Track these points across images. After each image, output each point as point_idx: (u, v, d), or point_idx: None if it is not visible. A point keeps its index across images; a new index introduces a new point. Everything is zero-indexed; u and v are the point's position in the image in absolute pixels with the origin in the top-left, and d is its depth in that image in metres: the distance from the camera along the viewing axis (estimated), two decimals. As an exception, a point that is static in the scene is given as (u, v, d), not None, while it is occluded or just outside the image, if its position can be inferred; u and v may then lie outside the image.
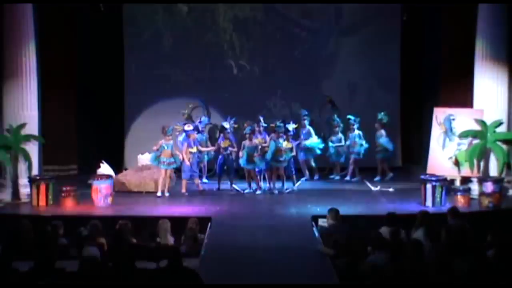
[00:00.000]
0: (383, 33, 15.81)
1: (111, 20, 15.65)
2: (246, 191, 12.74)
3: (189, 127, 12.88)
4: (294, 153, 12.83)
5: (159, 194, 12.31)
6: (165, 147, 12.34)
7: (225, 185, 13.11)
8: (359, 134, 14.09)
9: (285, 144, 12.57)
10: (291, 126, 13.04)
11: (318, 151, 14.20)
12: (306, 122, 14.19)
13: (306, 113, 14.32)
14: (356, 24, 15.93)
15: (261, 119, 13.50)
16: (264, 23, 15.94)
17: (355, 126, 14.04)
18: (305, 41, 15.98)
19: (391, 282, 6.22)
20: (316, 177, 14.35)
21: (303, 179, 13.71)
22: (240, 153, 12.58)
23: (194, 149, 12.66)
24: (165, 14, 15.97)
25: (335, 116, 14.45)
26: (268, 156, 12.52)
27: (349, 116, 14.17)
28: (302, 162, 14.17)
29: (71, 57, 14.66)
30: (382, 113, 14.12)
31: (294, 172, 12.97)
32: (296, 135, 13.51)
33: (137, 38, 15.94)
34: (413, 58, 15.71)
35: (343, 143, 14.25)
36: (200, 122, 13.88)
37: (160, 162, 12.35)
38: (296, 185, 13.04)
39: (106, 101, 15.75)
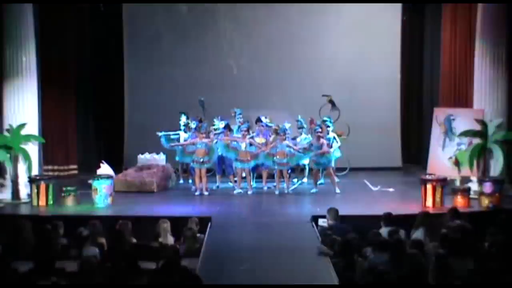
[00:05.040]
0: (383, 33, 15.81)
1: (111, 20, 15.65)
2: (235, 191, 12.70)
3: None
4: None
5: (197, 193, 12.44)
6: (199, 146, 12.36)
7: (224, 184, 13.18)
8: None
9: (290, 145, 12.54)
10: (287, 125, 13.01)
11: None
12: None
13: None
14: (356, 24, 15.92)
15: (261, 118, 13.40)
16: (264, 23, 15.94)
17: (330, 129, 13.32)
18: (305, 41, 15.97)
19: (391, 282, 6.22)
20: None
21: (299, 181, 13.65)
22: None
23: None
24: (165, 14, 15.97)
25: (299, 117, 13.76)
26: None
27: (325, 118, 13.41)
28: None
29: (71, 57, 14.65)
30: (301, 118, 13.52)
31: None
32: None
33: (137, 38, 15.93)
34: (413, 58, 15.69)
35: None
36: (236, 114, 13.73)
37: (194, 161, 12.42)
38: (293, 187, 13.07)
39: (106, 101, 15.74)
